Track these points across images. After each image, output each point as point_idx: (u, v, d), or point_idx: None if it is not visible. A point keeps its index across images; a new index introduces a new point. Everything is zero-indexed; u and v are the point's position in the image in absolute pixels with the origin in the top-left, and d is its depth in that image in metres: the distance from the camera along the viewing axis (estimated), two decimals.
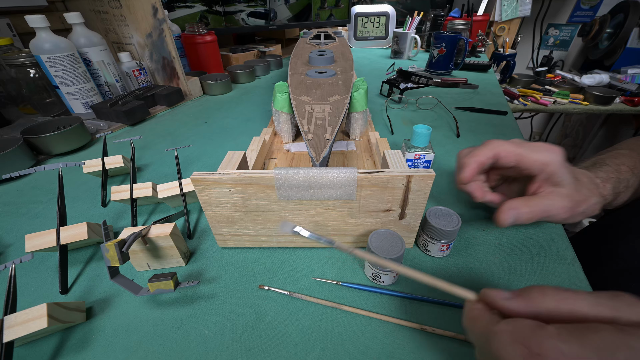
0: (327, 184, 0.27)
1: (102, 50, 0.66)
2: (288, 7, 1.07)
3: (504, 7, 1.38)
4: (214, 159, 0.51)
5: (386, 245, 0.27)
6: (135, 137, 0.49)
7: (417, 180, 0.26)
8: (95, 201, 0.42)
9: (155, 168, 0.50)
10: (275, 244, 0.33)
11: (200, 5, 0.91)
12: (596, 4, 1.49)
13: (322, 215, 0.30)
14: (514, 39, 1.51)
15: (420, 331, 0.25)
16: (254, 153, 0.38)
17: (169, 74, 0.75)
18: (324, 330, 0.26)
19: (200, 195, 0.28)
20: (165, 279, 0.25)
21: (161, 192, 0.36)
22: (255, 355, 0.24)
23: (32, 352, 0.24)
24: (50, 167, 0.34)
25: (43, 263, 0.32)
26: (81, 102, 0.63)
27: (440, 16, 1.22)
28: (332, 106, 0.40)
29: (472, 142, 0.54)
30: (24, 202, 0.42)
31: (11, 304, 0.24)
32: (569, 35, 1.62)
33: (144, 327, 0.26)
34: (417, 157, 0.42)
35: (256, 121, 0.65)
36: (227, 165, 0.30)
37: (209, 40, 0.84)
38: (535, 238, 0.34)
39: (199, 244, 0.34)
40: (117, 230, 0.37)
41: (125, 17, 0.69)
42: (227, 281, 0.30)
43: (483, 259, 0.32)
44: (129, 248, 0.25)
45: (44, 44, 0.55)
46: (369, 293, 0.29)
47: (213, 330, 0.26)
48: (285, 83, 0.45)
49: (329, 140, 0.33)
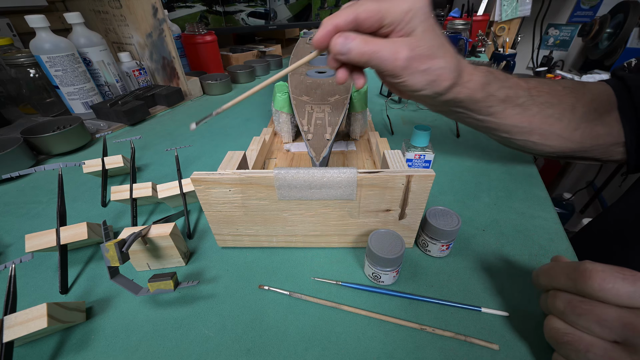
0: (327, 184, 0.27)
1: (102, 50, 0.66)
2: (288, 7, 1.07)
3: (504, 7, 1.38)
4: (214, 159, 0.51)
5: (386, 245, 0.27)
6: (135, 137, 0.49)
7: (417, 180, 0.26)
8: (95, 201, 0.42)
9: (155, 168, 0.50)
10: (275, 244, 0.33)
11: (200, 5, 0.91)
12: (596, 4, 1.49)
13: (322, 215, 0.30)
14: (514, 39, 1.51)
15: (420, 331, 0.25)
16: (254, 153, 0.38)
17: (169, 74, 0.75)
18: (324, 330, 0.26)
19: (200, 195, 0.28)
20: (165, 279, 0.25)
21: (161, 192, 0.36)
22: (255, 355, 0.24)
23: (32, 352, 0.24)
24: (50, 167, 0.34)
25: (43, 263, 0.32)
26: (81, 102, 0.64)
27: (440, 16, 1.22)
28: (332, 106, 0.40)
29: (472, 142, 0.54)
30: (24, 202, 0.42)
31: (11, 304, 0.24)
32: (569, 35, 1.62)
33: (144, 327, 0.26)
34: (417, 157, 0.42)
35: (256, 121, 0.65)
36: (227, 165, 0.30)
37: (209, 40, 0.84)
38: (536, 238, 0.34)
39: (199, 244, 0.34)
40: (117, 230, 0.37)
41: (125, 17, 0.69)
42: (227, 281, 0.30)
43: (483, 259, 0.32)
44: (129, 248, 0.25)
45: (44, 44, 0.55)
46: (369, 293, 0.29)
47: (213, 330, 0.26)
48: (285, 83, 0.45)
49: (329, 140, 0.33)
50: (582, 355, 0.19)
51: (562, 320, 0.21)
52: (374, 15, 0.25)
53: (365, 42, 0.25)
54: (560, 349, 0.21)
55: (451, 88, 0.29)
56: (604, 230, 0.45)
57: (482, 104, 0.33)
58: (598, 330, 0.19)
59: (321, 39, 0.26)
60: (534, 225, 0.36)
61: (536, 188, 0.42)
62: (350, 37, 0.25)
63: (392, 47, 0.25)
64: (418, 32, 0.26)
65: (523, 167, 0.47)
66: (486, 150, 0.51)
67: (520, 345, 0.24)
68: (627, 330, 0.18)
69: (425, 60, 0.27)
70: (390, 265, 0.27)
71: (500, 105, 0.33)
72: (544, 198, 0.40)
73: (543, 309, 0.24)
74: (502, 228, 0.36)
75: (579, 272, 0.20)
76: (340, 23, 0.25)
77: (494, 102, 0.33)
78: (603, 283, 0.19)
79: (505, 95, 0.33)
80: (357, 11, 0.25)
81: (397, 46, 0.26)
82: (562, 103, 0.35)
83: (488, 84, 0.31)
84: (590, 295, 0.20)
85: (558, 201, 1.38)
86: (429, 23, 0.26)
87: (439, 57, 0.27)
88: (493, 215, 0.38)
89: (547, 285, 0.24)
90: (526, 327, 0.25)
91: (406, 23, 0.25)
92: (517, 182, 0.44)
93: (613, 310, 0.19)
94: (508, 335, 0.25)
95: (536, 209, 0.38)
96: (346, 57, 0.26)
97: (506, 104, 0.33)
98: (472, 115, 0.35)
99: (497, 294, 0.28)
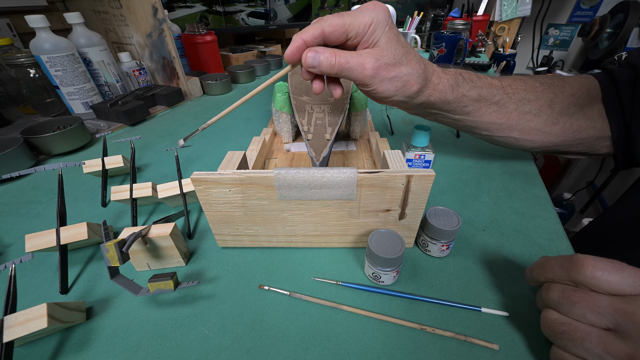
0: (327, 184, 0.27)
1: (102, 50, 0.66)
2: (288, 7, 1.07)
3: (504, 7, 1.38)
4: (214, 159, 0.51)
5: (386, 245, 0.27)
6: (135, 137, 0.49)
7: (417, 180, 0.26)
8: (95, 201, 0.42)
9: (155, 168, 0.50)
10: (275, 244, 0.33)
11: (200, 5, 0.91)
12: (596, 4, 1.49)
13: (322, 215, 0.30)
14: (514, 39, 1.51)
15: (420, 331, 0.25)
16: (254, 153, 0.38)
17: (169, 74, 0.75)
18: (324, 330, 0.26)
19: (200, 195, 0.28)
20: (165, 279, 0.25)
21: (161, 192, 0.36)
22: (255, 355, 0.24)
23: (32, 352, 0.24)
24: (50, 167, 0.34)
25: (43, 263, 0.32)
26: (81, 102, 0.63)
27: (440, 16, 1.22)
28: (332, 106, 0.40)
29: (472, 142, 0.54)
30: (24, 202, 0.42)
31: (11, 304, 0.24)
32: (569, 35, 1.62)
33: (144, 327, 0.26)
34: (417, 157, 0.42)
35: (256, 121, 0.65)
36: (227, 165, 0.30)
37: (209, 40, 0.84)
38: (536, 238, 0.34)
39: (199, 244, 0.34)
40: (117, 230, 0.37)
41: (125, 17, 0.69)
42: (227, 281, 0.30)
43: (483, 259, 0.32)
44: (129, 248, 0.25)
45: (44, 44, 0.55)
46: (369, 293, 0.29)
47: (213, 330, 0.26)
48: (285, 83, 0.45)
49: (329, 140, 0.33)
50: (579, 344, 0.20)
51: (558, 311, 0.22)
52: (338, 29, 0.27)
53: (333, 55, 0.27)
54: (557, 340, 0.21)
55: (421, 92, 0.31)
56: (604, 231, 0.45)
57: (455, 105, 0.34)
58: (592, 317, 0.20)
59: (292, 54, 0.27)
60: (534, 225, 0.36)
61: (536, 188, 0.42)
62: (319, 51, 0.27)
63: (358, 58, 0.27)
64: (382, 42, 0.27)
65: (523, 167, 0.47)
66: (486, 150, 0.51)
67: (520, 345, 0.24)
68: (619, 316, 0.19)
69: (391, 69, 0.28)
70: (390, 265, 0.27)
71: (474, 105, 0.35)
72: (544, 198, 0.40)
73: (539, 306, 0.25)
74: (502, 228, 0.36)
75: (572, 262, 0.21)
76: (307, 38, 0.27)
77: (467, 102, 0.34)
78: (595, 270, 0.20)
79: (478, 94, 0.34)
80: (322, 26, 0.27)
81: (364, 58, 0.27)
82: (540, 99, 0.36)
83: (457, 85, 0.33)
84: (582, 283, 0.21)
85: (558, 201, 1.38)
86: (392, 33, 0.28)
87: (404, 65, 0.29)
88: (493, 215, 0.38)
89: (540, 278, 0.24)
90: (526, 327, 0.25)
91: (370, 35, 0.27)
92: (517, 182, 0.44)
93: (605, 298, 0.20)
94: (508, 335, 0.25)
95: (536, 209, 0.38)
96: (318, 69, 0.27)
97: (480, 103, 0.35)
98: (449, 116, 0.36)
99: (497, 294, 0.28)
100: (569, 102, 0.36)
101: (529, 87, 0.36)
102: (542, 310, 0.23)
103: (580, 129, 0.37)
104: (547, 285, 0.23)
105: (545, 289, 0.23)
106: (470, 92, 0.34)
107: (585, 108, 0.37)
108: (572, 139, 0.37)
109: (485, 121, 0.36)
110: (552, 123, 0.36)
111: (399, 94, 0.30)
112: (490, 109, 0.35)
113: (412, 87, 0.30)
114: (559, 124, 0.36)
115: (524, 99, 0.36)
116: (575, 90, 0.37)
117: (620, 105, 0.36)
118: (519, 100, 0.36)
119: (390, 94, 0.30)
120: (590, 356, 0.19)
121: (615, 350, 0.18)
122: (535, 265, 0.25)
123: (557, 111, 0.36)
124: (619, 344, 0.18)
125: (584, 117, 0.37)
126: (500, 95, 0.35)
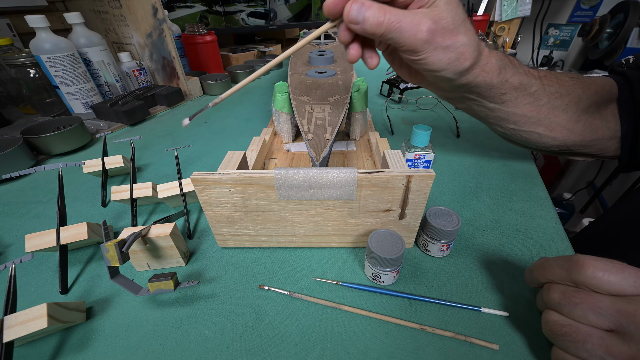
0: (327, 184, 0.27)
1: (102, 50, 0.66)
2: (288, 7, 1.07)
3: (504, 7, 1.38)
4: (214, 159, 0.51)
5: (386, 245, 0.27)
6: (135, 137, 0.49)
7: (417, 180, 0.26)
8: (95, 201, 0.42)
9: (155, 168, 0.50)
10: (275, 244, 0.33)
11: (200, 5, 0.91)
12: (596, 4, 1.49)
13: (322, 215, 0.30)
14: (514, 38, 1.51)
15: (420, 331, 0.25)
16: (254, 153, 0.38)
17: (169, 74, 0.75)
18: (324, 330, 0.26)
19: (200, 195, 0.28)
20: (165, 279, 0.25)
21: (161, 192, 0.36)
22: (255, 355, 0.24)
23: (32, 352, 0.24)
24: (50, 167, 0.34)
25: (43, 263, 0.32)
26: (81, 102, 0.64)
27: None
28: (332, 106, 0.39)
29: (472, 142, 0.54)
30: (24, 202, 0.42)
31: (11, 304, 0.24)
32: (569, 35, 1.62)
33: (144, 327, 0.26)
34: (417, 157, 0.42)
35: (256, 121, 0.65)
36: (227, 165, 0.30)
37: (209, 40, 0.84)
38: (536, 238, 0.34)
39: (199, 244, 0.34)
40: (117, 230, 0.37)
41: (125, 17, 0.69)
42: (227, 281, 0.30)
43: (483, 259, 0.32)
44: (129, 248, 0.25)
45: (44, 44, 0.55)
46: (369, 293, 0.29)
47: (213, 330, 0.26)
48: (285, 83, 0.45)
49: (329, 140, 0.33)
50: (581, 345, 0.19)
51: (559, 313, 0.22)
52: None
53: (382, 11, 0.23)
54: (559, 341, 0.21)
55: (471, 69, 0.28)
56: (605, 232, 0.45)
57: (497, 91, 0.31)
58: (594, 318, 0.20)
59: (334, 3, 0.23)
60: (534, 225, 0.36)
61: (536, 188, 0.42)
62: (366, 4, 0.23)
63: (413, 18, 0.23)
64: (440, 4, 0.24)
65: (523, 167, 0.47)
66: (486, 150, 0.51)
67: (520, 345, 0.24)
68: (621, 317, 0.19)
69: (448, 36, 0.24)
70: (390, 265, 0.27)
71: (513, 93, 0.32)
72: (544, 198, 0.40)
73: (540, 308, 0.24)
74: (502, 228, 0.36)
75: (572, 262, 0.21)
76: None
77: (508, 89, 0.32)
78: (595, 271, 0.20)
79: (519, 82, 0.31)
80: None
81: (419, 18, 0.23)
82: (570, 94, 0.34)
83: (504, 68, 0.30)
84: (583, 283, 0.20)
85: (558, 201, 1.38)
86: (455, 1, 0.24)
87: (462, 33, 0.25)
88: (493, 215, 0.38)
89: (541, 279, 0.24)
90: (526, 327, 0.25)
91: None
92: (517, 182, 0.44)
93: (606, 299, 0.19)
94: (508, 335, 0.25)
95: (536, 209, 0.38)
96: (361, 27, 0.23)
97: (518, 91, 0.32)
98: (484, 103, 0.33)
99: (497, 294, 0.28)
100: (592, 100, 0.35)
101: (561, 81, 0.34)
102: (543, 311, 0.23)
103: (597, 128, 0.36)
104: (547, 286, 0.23)
105: (545, 290, 0.23)
106: (513, 78, 0.31)
107: (602, 107, 0.36)
108: (590, 138, 0.36)
109: (518, 113, 0.34)
110: (576, 120, 0.35)
111: (449, 68, 0.26)
112: (525, 100, 0.33)
113: (465, 61, 0.26)
114: (581, 121, 0.35)
115: (557, 92, 0.34)
116: (599, 88, 0.36)
117: (633, 105, 0.36)
118: (552, 93, 0.34)
119: (441, 67, 0.26)
120: (592, 358, 0.19)
121: (617, 352, 0.18)
122: (535, 266, 0.25)
123: (581, 108, 0.35)
124: (621, 345, 0.18)
125: (600, 117, 0.36)
126: (537, 86, 0.33)
